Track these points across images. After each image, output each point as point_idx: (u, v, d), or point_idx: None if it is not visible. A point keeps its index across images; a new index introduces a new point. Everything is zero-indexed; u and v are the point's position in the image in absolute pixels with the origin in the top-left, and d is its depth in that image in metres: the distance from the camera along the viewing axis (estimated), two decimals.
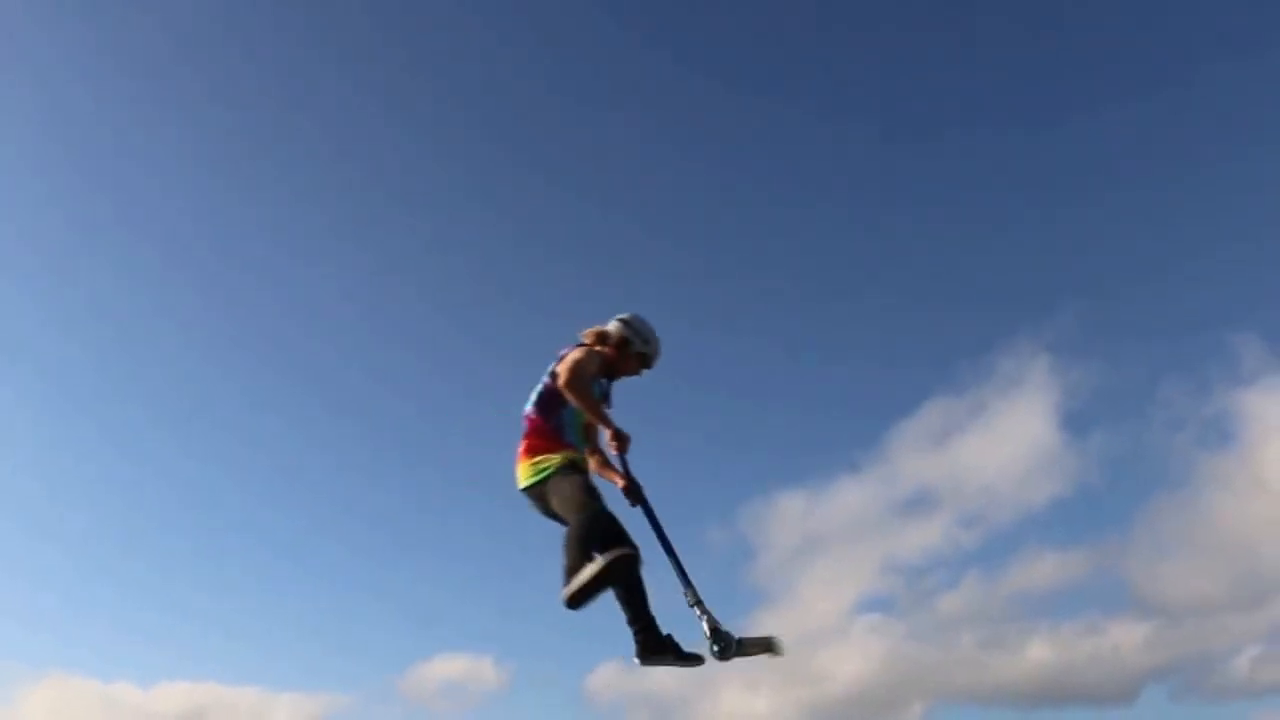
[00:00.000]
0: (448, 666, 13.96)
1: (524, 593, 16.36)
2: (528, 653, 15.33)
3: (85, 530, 16.59)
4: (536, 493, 1.94)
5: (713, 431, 16.82)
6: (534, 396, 2.00)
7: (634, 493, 2.00)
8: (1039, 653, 11.92)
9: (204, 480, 17.22)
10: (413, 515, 17.07)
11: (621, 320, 2.07)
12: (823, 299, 17.46)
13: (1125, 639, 11.63)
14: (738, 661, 2.04)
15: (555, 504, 1.90)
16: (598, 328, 2.07)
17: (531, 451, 1.95)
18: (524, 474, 1.95)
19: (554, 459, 1.93)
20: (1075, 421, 14.90)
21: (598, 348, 2.04)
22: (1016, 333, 16.20)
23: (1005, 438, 13.42)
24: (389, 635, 15.85)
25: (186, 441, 17.45)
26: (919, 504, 13.67)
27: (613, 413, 2.03)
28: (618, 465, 2.02)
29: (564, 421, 1.98)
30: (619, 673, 13.50)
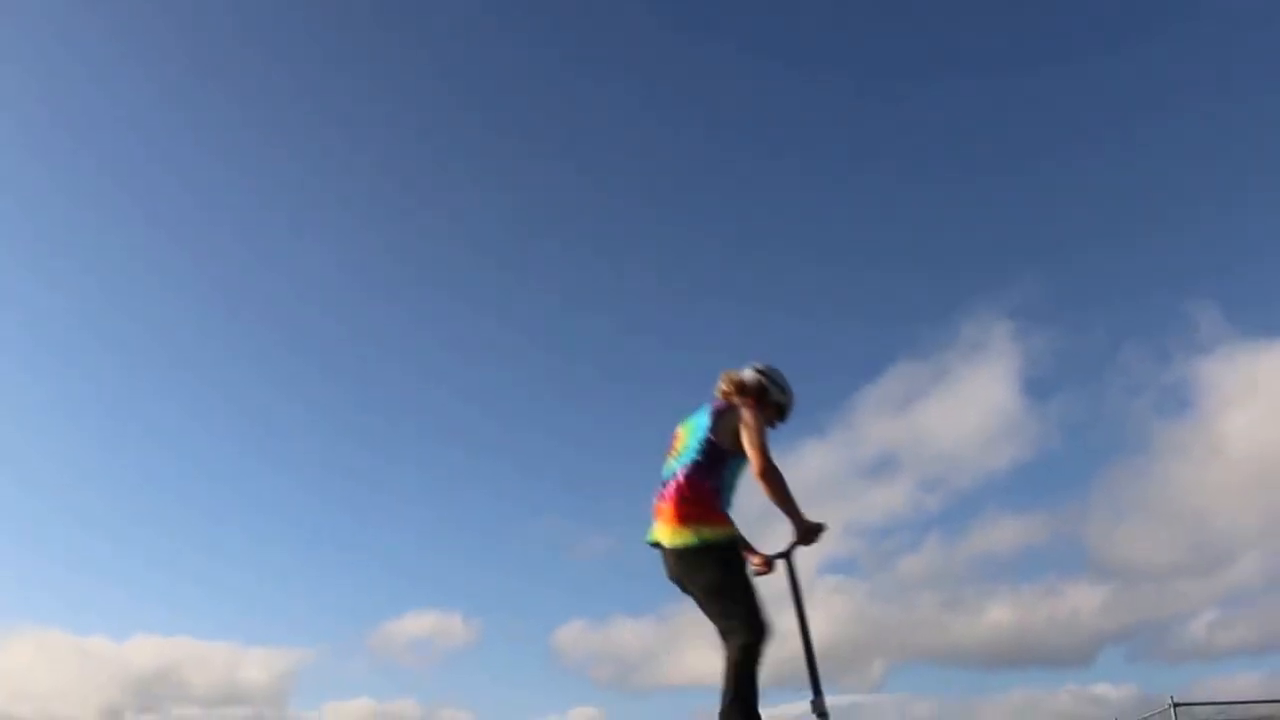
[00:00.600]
0: (417, 622, 14.02)
1: (494, 550, 16.45)
2: (496, 609, 15.45)
3: (61, 486, 16.40)
4: (682, 563, 1.78)
5: (678, 391, 16.88)
6: (690, 454, 1.84)
7: (768, 568, 1.88)
8: (999, 614, 12.13)
9: (179, 439, 17.05)
10: (385, 473, 17.03)
11: (759, 370, 1.95)
12: (789, 264, 17.48)
13: (1083, 602, 11.86)
14: (700, 619, 1.91)
15: (704, 593, 1.76)
16: (734, 375, 1.93)
17: (684, 518, 1.77)
18: (669, 536, 1.78)
19: (708, 533, 1.77)
20: (1036, 387, 15.09)
21: (738, 398, 1.89)
22: (979, 299, 16.36)
23: (967, 403, 13.55)
24: (359, 591, 15.89)
25: (163, 401, 17.25)
26: (882, 467, 13.81)
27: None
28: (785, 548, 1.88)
29: (723, 483, 1.83)
30: (585, 630, 13.60)
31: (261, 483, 16.77)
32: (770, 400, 1.93)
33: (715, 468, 1.82)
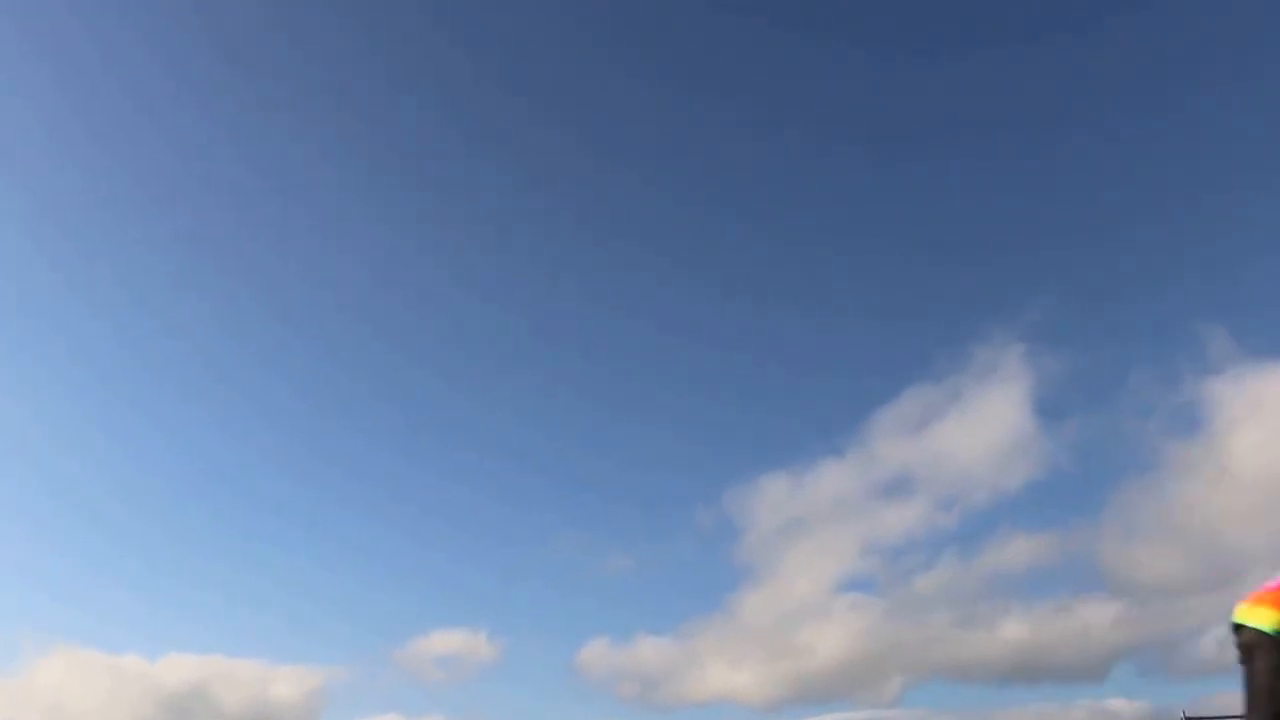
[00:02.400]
0: (444, 639, 14.31)
1: (518, 568, 16.73)
2: (521, 628, 15.73)
3: (98, 507, 16.77)
4: (1247, 641, 1.75)
5: (700, 416, 17.18)
6: None
7: None
8: (1012, 631, 12.37)
9: (212, 459, 17.40)
10: (412, 493, 17.34)
11: None
12: (807, 292, 17.79)
13: (1095, 618, 12.08)
14: (721, 637, 1.85)
15: (1248, 678, 1.73)
16: None
17: (1271, 602, 1.74)
18: (1246, 613, 1.76)
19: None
20: (1049, 408, 15.33)
21: None
22: (991, 322, 16.62)
23: (981, 424, 13.82)
24: (387, 610, 16.19)
25: (198, 422, 17.61)
26: (898, 487, 14.09)
27: None
28: None
29: None
30: (608, 648, 13.90)
31: (292, 503, 17.12)
32: None
33: None
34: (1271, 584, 1.77)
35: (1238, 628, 1.77)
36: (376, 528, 16.46)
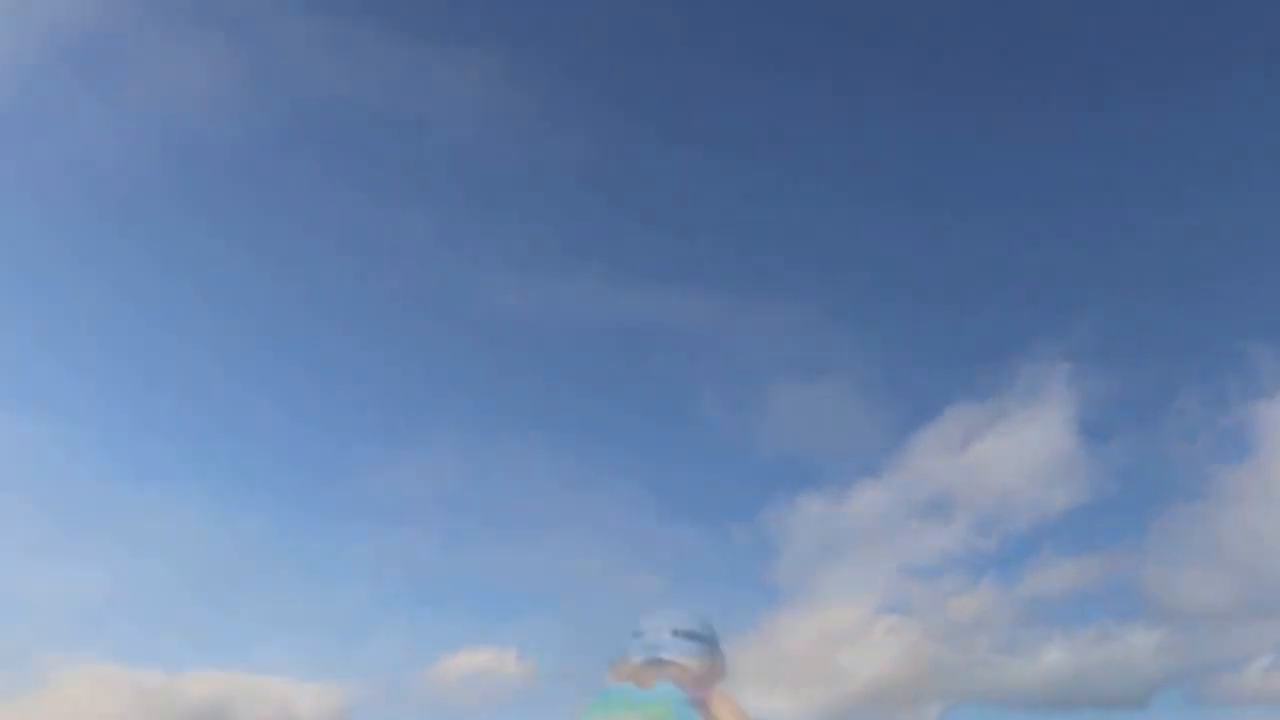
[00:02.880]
0: (473, 659, 14.10)
1: (549, 586, 16.47)
2: (554, 647, 15.44)
3: (117, 518, 16.80)
4: None
5: (735, 432, 16.87)
6: None
7: None
8: (1054, 657, 11.93)
9: (235, 471, 17.36)
10: (442, 506, 17.12)
11: None
12: (845, 305, 17.44)
13: (1138, 645, 11.63)
14: (754, 659, 1.85)
15: None
16: None
17: None
18: None
19: None
20: (1093, 429, 14.85)
21: None
22: (1037, 340, 16.15)
23: (1024, 444, 13.38)
24: (416, 626, 15.97)
25: (218, 431, 17.58)
26: (938, 508, 13.68)
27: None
28: None
29: None
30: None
31: (319, 515, 17.03)
32: None
33: None
34: None
35: None
36: (407, 539, 16.32)
